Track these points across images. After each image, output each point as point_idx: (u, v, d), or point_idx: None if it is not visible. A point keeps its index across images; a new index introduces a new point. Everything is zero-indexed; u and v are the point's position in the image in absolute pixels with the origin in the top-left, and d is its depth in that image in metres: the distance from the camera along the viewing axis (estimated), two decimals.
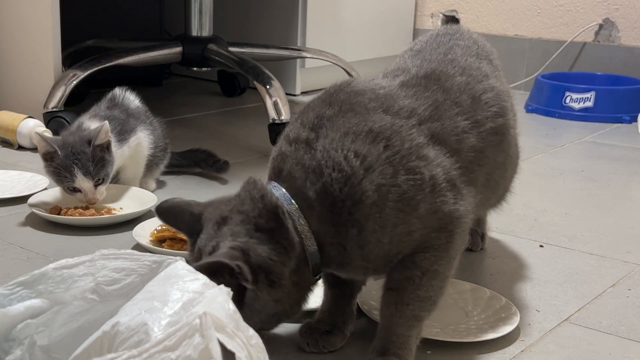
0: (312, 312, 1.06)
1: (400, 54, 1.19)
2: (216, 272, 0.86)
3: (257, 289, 0.90)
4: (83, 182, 1.42)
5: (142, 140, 1.59)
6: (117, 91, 1.66)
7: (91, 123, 1.52)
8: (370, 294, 1.12)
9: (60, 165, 1.42)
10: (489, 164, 1.06)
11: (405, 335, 0.95)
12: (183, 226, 0.98)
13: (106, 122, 1.46)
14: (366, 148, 0.90)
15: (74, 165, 1.41)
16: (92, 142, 1.43)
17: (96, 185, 1.44)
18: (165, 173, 1.72)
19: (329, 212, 0.91)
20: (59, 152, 1.42)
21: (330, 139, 0.92)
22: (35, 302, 0.77)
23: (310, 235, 0.92)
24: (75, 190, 1.44)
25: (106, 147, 1.46)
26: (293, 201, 0.92)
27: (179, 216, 0.97)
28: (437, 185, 0.93)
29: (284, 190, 0.93)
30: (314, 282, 0.98)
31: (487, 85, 1.09)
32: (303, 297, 0.97)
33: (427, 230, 0.93)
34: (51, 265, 0.79)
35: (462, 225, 0.96)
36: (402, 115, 0.96)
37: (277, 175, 0.95)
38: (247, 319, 0.86)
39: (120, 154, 1.52)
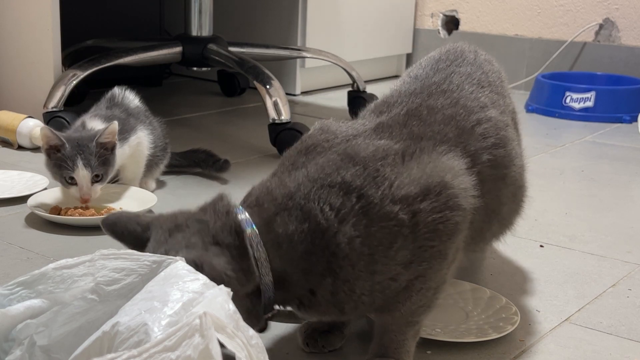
0: None
1: (401, 75, 1.14)
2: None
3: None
4: (82, 171, 1.42)
5: (143, 140, 1.59)
6: (117, 90, 1.66)
7: (93, 123, 1.52)
8: None
9: (64, 155, 1.43)
10: (492, 199, 1.02)
11: (400, 339, 0.95)
12: (128, 236, 0.90)
13: (115, 122, 1.46)
14: (340, 200, 0.87)
15: (78, 155, 1.42)
16: (96, 139, 1.43)
17: (93, 183, 1.44)
18: (165, 173, 1.72)
19: (299, 258, 0.87)
20: (66, 144, 1.43)
21: (306, 187, 0.88)
22: (35, 302, 0.77)
23: (267, 265, 0.86)
24: (72, 182, 1.44)
25: (110, 148, 1.47)
26: (254, 227, 0.86)
27: (125, 226, 0.90)
28: (419, 223, 0.89)
29: (247, 214, 0.88)
30: (261, 322, 0.91)
31: (482, 116, 1.04)
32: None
33: (414, 265, 0.90)
34: (51, 265, 0.79)
35: (455, 239, 0.93)
36: (377, 157, 0.91)
37: (244, 200, 0.92)
38: None
39: (120, 153, 1.52)
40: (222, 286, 0.73)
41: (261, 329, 0.94)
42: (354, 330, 1.06)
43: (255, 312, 0.88)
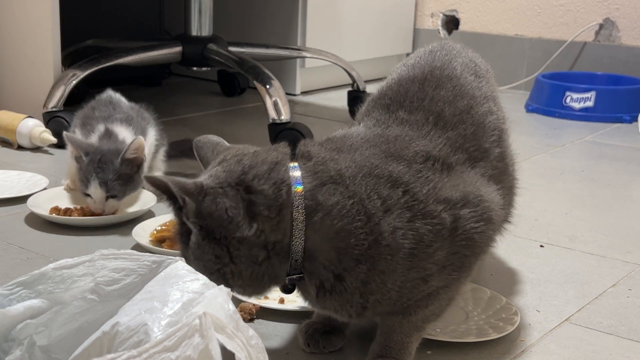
0: (312, 312, 1.06)
1: (394, 68, 1.12)
2: (167, 193, 0.86)
3: (199, 234, 0.86)
4: (95, 191, 1.41)
5: (151, 141, 1.59)
6: (112, 93, 1.65)
7: (119, 130, 1.51)
8: None
9: (81, 169, 1.43)
10: (502, 192, 1.02)
11: (405, 341, 0.95)
12: (204, 160, 0.96)
13: (140, 137, 1.43)
14: (387, 191, 0.88)
15: (93, 173, 1.41)
16: (122, 155, 1.41)
17: (108, 198, 1.43)
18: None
19: (335, 234, 0.86)
20: (84, 158, 1.42)
21: (354, 171, 0.88)
22: (34, 302, 0.77)
23: (302, 227, 0.85)
24: (88, 195, 1.44)
25: (137, 165, 1.44)
26: (301, 186, 0.86)
27: (205, 152, 0.97)
28: (458, 228, 0.89)
29: (300, 173, 0.87)
30: (282, 283, 0.90)
31: (487, 109, 1.05)
32: (259, 285, 0.89)
33: (446, 272, 0.91)
34: (51, 266, 0.79)
35: (483, 254, 0.95)
36: (418, 160, 0.92)
37: (302, 159, 0.90)
38: (188, 260, 0.86)
39: None
40: (221, 286, 0.73)
41: (285, 289, 0.92)
42: (355, 330, 1.06)
43: (270, 269, 0.88)
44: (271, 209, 0.85)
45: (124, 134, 1.51)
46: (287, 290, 0.93)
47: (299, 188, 0.86)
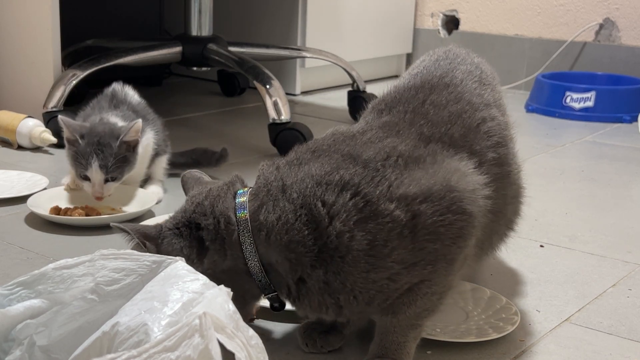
0: None
1: (402, 73, 1.14)
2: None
3: None
4: (96, 173, 1.42)
5: (150, 141, 1.59)
6: (117, 87, 1.65)
7: (113, 118, 1.51)
8: None
9: (79, 151, 1.43)
10: (498, 199, 1.01)
11: (402, 341, 0.95)
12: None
13: (139, 120, 1.46)
14: (333, 197, 0.89)
15: (94, 154, 1.42)
16: (121, 138, 1.42)
17: (107, 181, 1.44)
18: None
19: (285, 247, 0.90)
20: (79, 141, 1.42)
21: (304, 182, 0.91)
22: (34, 302, 0.77)
23: (252, 249, 0.91)
24: (86, 178, 1.44)
25: (133, 147, 1.46)
26: (246, 212, 0.92)
27: (189, 187, 1.03)
28: (418, 225, 0.88)
29: (246, 198, 0.93)
30: (257, 298, 0.98)
31: (486, 115, 1.05)
32: (242, 309, 0.89)
33: (418, 268, 0.90)
34: (51, 266, 0.79)
35: (461, 244, 0.92)
36: (378, 158, 0.92)
37: (255, 184, 0.96)
38: None
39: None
40: (222, 286, 0.73)
41: (273, 307, 0.99)
42: (354, 330, 1.06)
43: (250, 291, 0.95)
44: (215, 241, 0.93)
45: (115, 119, 1.51)
46: (276, 308, 0.99)
47: (243, 214, 0.92)
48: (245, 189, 0.96)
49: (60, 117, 1.47)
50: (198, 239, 0.93)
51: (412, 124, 0.99)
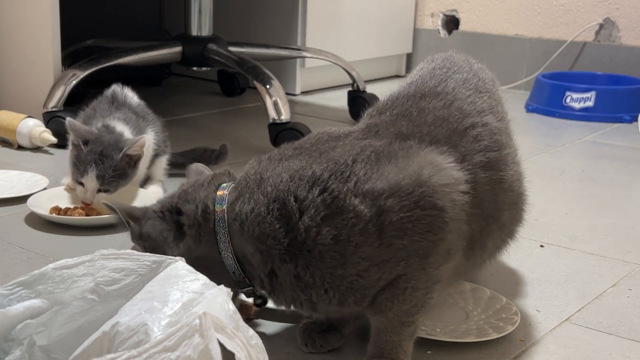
0: None
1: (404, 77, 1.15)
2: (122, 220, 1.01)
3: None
4: (91, 181, 1.42)
5: (150, 142, 1.59)
6: (117, 89, 1.65)
7: (118, 126, 1.51)
8: None
9: (80, 157, 1.43)
10: (489, 203, 1.00)
11: (396, 340, 0.95)
12: None
13: (145, 136, 1.46)
14: (304, 192, 0.90)
15: (93, 163, 1.42)
16: (124, 151, 1.42)
17: (99, 191, 1.44)
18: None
19: (256, 239, 0.91)
20: (82, 147, 1.43)
21: (280, 177, 0.93)
22: (34, 302, 0.77)
23: (226, 240, 0.94)
24: (80, 183, 1.44)
25: (135, 161, 1.46)
26: (224, 205, 0.94)
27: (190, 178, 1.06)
28: (385, 221, 0.88)
29: (227, 192, 0.96)
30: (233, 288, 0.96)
31: (477, 121, 1.04)
32: None
33: (390, 264, 0.90)
34: (51, 266, 0.79)
35: (434, 238, 0.91)
36: (351, 153, 0.93)
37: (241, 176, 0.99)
38: None
39: None
40: (222, 286, 0.73)
41: (256, 303, 1.02)
42: (353, 329, 1.06)
43: (223, 281, 0.93)
44: (192, 227, 0.96)
45: (121, 127, 1.51)
46: (258, 304, 1.01)
47: (221, 206, 0.95)
48: (231, 182, 0.98)
49: (68, 119, 1.47)
50: (177, 223, 0.97)
51: (392, 125, 1.00)
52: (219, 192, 0.96)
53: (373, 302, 0.93)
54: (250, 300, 1.03)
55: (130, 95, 1.65)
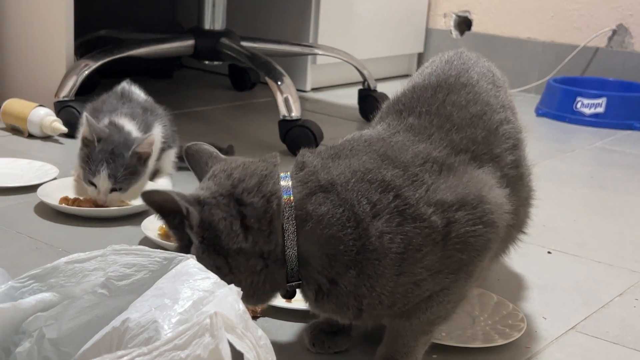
0: None
1: (412, 75, 1.12)
2: (166, 209, 0.87)
3: (199, 247, 0.87)
4: (103, 181, 1.42)
5: (158, 137, 1.59)
6: (125, 85, 1.66)
7: (125, 124, 1.51)
8: None
9: (91, 155, 1.42)
10: (514, 200, 1.01)
11: (412, 345, 0.95)
12: (197, 173, 0.97)
13: (153, 134, 1.46)
14: (377, 196, 0.88)
15: (104, 162, 1.41)
16: (133, 148, 1.42)
17: (113, 190, 1.44)
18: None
19: (325, 242, 0.88)
20: (96, 144, 1.42)
21: (347, 177, 0.89)
22: (46, 296, 0.77)
23: (294, 237, 0.88)
24: (92, 183, 1.44)
25: (144, 159, 1.46)
26: (291, 196, 0.88)
27: (198, 162, 0.96)
28: (452, 232, 0.88)
29: (290, 183, 0.90)
30: (282, 289, 0.92)
31: (503, 117, 1.05)
32: (262, 293, 0.92)
33: (442, 276, 0.90)
34: (63, 259, 0.79)
35: (484, 257, 0.92)
36: (416, 162, 0.92)
37: (295, 171, 0.92)
38: None
39: None
40: (232, 285, 0.73)
41: (285, 295, 0.95)
42: (361, 332, 1.06)
43: (270, 278, 0.90)
44: (262, 221, 0.88)
45: (129, 126, 1.51)
46: (287, 295, 0.95)
47: (288, 197, 0.88)
48: (287, 172, 0.92)
49: (86, 114, 1.47)
50: (240, 214, 0.88)
51: (440, 129, 0.98)
52: (283, 183, 0.90)
53: (408, 309, 0.92)
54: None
55: (137, 92, 1.66)
